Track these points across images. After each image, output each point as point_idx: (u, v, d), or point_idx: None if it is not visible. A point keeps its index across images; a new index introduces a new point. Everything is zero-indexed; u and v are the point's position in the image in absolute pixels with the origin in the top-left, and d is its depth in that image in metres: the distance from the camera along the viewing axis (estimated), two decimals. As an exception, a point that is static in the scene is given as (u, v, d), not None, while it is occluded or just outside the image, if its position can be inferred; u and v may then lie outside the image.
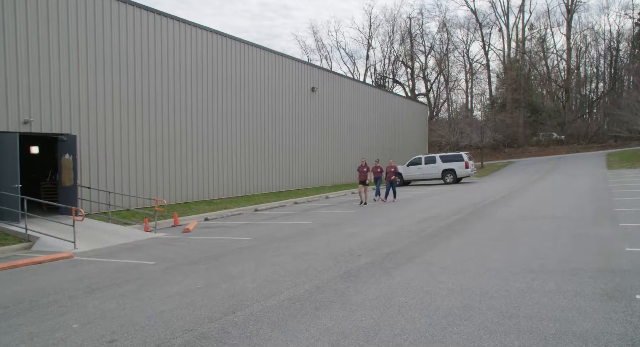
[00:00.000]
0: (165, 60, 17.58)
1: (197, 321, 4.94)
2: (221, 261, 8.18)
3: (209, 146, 19.56)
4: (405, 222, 11.70)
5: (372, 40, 67.84)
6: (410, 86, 62.67)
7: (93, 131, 14.99)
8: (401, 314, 4.80)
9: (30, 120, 13.24)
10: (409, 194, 21.37)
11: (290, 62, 25.36)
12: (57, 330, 4.92)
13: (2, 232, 11.79)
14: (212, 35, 19.88)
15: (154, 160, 17.08)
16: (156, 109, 17.19)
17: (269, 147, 23.28)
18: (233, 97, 20.95)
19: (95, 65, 15.07)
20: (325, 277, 6.49)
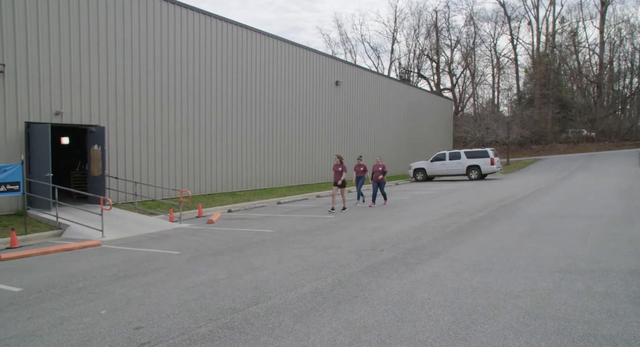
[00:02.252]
0: (191, 53, 17.75)
1: (221, 311, 5.00)
2: (244, 252, 8.26)
3: (232, 139, 19.72)
4: (429, 218, 11.59)
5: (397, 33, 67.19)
6: (435, 80, 61.91)
7: (121, 123, 15.28)
8: (424, 311, 4.77)
9: (61, 112, 13.57)
10: (433, 189, 21.16)
11: (315, 56, 25.31)
12: (86, 315, 5.05)
13: (35, 220, 12.16)
14: (236, 28, 19.97)
15: (179, 152, 17.32)
16: (181, 101, 17.40)
17: (292, 140, 23.34)
18: (257, 90, 21.04)
19: (124, 59, 15.32)
20: (348, 272, 6.48)
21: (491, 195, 16.99)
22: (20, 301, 5.74)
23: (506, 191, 18.27)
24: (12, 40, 12.51)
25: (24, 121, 12.84)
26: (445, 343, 3.96)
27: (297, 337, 4.20)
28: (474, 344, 3.92)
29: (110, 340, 4.31)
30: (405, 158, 34.26)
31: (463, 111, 61.36)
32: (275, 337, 4.21)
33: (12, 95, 12.57)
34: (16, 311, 5.34)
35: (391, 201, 16.55)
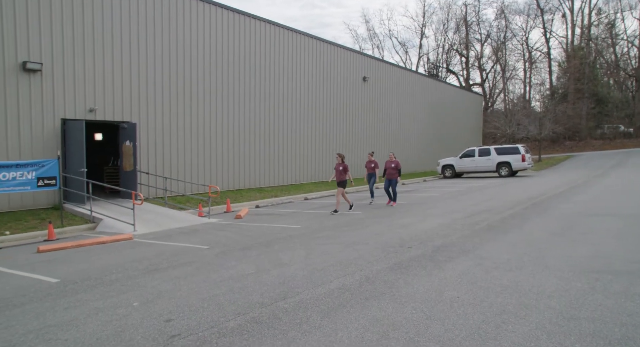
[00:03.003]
0: (220, 50, 17.95)
1: (249, 305, 5.05)
2: (272, 247, 8.32)
3: (260, 135, 19.87)
4: (457, 215, 11.43)
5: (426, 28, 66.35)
6: (464, 75, 60.90)
7: (152, 119, 15.59)
8: (453, 309, 4.70)
9: (95, 109, 13.94)
10: (461, 186, 20.85)
11: (342, 51, 25.23)
12: (119, 307, 5.19)
13: (70, 213, 12.54)
14: (263, 24, 20.08)
15: (208, 148, 17.56)
16: (210, 98, 17.63)
17: (318, 136, 23.36)
18: (284, 86, 21.12)
19: (154, 56, 15.61)
20: (375, 268, 6.45)
21: (522, 192, 16.63)
22: (58, 292, 5.94)
23: (538, 188, 17.85)
24: (49, 40, 12.90)
25: (60, 118, 13.25)
26: (475, 342, 3.90)
27: (325, 333, 4.20)
28: (505, 344, 3.85)
29: (142, 331, 4.41)
30: (433, 154, 33.86)
31: (493, 107, 60.17)
32: (302, 333, 4.23)
33: (49, 93, 12.98)
34: (54, 301, 5.53)
35: (419, 197, 16.37)
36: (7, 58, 12.15)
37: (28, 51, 12.53)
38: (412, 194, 18.01)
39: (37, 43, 12.68)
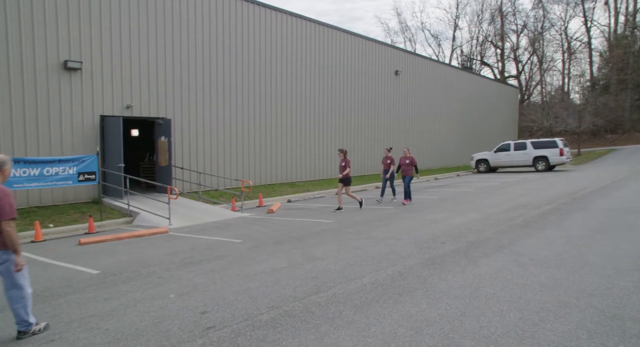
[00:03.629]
0: (252, 45, 18.09)
1: (282, 299, 5.10)
2: (304, 242, 8.36)
3: (292, 130, 19.96)
4: (492, 210, 11.19)
5: (459, 20, 64.98)
6: (499, 68, 59.43)
7: (185, 115, 15.88)
8: (488, 306, 4.62)
9: (131, 105, 14.30)
10: (496, 181, 20.40)
11: (373, 45, 25.02)
12: (156, 298, 5.32)
13: (109, 207, 12.95)
14: (295, 19, 20.10)
15: (240, 144, 17.77)
16: (242, 94, 17.81)
17: (349, 131, 23.28)
18: (315, 82, 21.12)
19: (188, 53, 15.88)
20: (408, 264, 6.40)
21: (560, 187, 16.13)
22: (98, 283, 6.15)
23: (577, 183, 17.29)
24: (88, 40, 13.30)
25: (98, 114, 13.66)
26: (512, 340, 3.81)
27: (358, 328, 4.20)
28: (543, 342, 3.75)
29: (178, 323, 4.51)
30: (466, 149, 33.25)
31: (529, 99, 58.53)
32: (335, 327, 4.23)
33: (88, 90, 13.40)
34: (95, 292, 5.72)
35: (452, 192, 16.10)
36: (49, 57, 12.60)
37: (69, 50, 12.96)
38: (444, 189, 17.75)
39: (77, 42, 13.09)
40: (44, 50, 12.50)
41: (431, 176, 24.70)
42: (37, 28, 12.35)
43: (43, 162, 10.70)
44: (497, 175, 24.98)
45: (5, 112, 11.89)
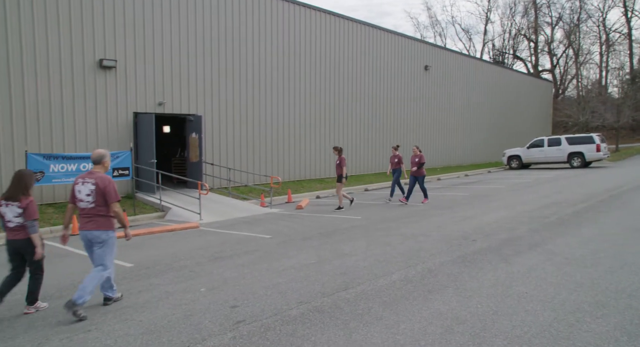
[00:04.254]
0: (280, 42, 18.17)
1: (311, 294, 5.12)
2: (333, 238, 8.37)
3: (320, 126, 19.97)
4: (525, 208, 10.94)
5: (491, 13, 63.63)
6: (532, 62, 57.90)
7: (216, 112, 16.10)
8: (521, 305, 4.52)
9: (163, 102, 14.59)
10: (529, 178, 19.93)
11: (402, 40, 24.76)
12: (188, 291, 5.43)
13: (142, 202, 13.26)
14: (322, 15, 20.07)
15: (270, 140, 17.89)
16: (272, 90, 17.91)
17: (378, 127, 23.13)
18: (343, 77, 21.06)
19: (219, 51, 16.07)
20: (438, 261, 6.32)
21: (597, 184, 15.63)
22: (132, 276, 6.31)
23: (614, 180, 16.71)
24: (122, 39, 13.62)
25: (132, 111, 13.98)
26: (546, 341, 3.72)
27: (387, 325, 4.18)
28: (579, 344, 3.65)
29: (209, 316, 4.59)
30: (498, 145, 32.59)
31: (564, 94, 56.83)
32: (364, 323, 4.22)
33: (122, 88, 13.73)
34: (129, 284, 5.88)
35: (483, 189, 15.82)
36: (86, 56, 12.96)
37: (104, 49, 13.30)
38: (475, 186, 17.45)
39: (112, 41, 13.42)
40: (80, 49, 12.86)
41: (461, 173, 24.32)
42: (74, 28, 12.71)
43: (80, 158, 11.03)
44: (530, 171, 24.40)
45: (44, 110, 12.31)
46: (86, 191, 5.00)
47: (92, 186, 4.99)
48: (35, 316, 4.85)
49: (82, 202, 5.03)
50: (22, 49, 11.89)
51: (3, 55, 11.60)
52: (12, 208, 4.92)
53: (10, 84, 11.76)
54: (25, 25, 11.92)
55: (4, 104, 11.68)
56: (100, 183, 4.98)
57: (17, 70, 11.84)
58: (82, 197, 5.02)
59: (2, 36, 11.57)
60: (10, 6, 11.65)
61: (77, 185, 5.08)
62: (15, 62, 11.80)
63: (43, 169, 10.41)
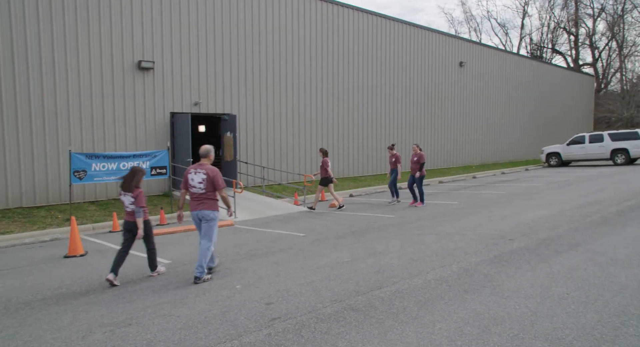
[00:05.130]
0: (314, 41, 18.21)
1: (345, 293, 5.12)
2: (366, 236, 8.34)
3: (354, 125, 19.93)
4: (565, 206, 10.60)
5: (528, 6, 61.79)
6: (572, 55, 55.87)
7: (250, 111, 16.30)
8: (561, 307, 4.39)
9: (199, 102, 14.88)
10: (569, 175, 19.29)
11: (436, 36, 24.40)
12: (223, 288, 5.52)
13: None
14: (355, 12, 19.99)
15: (303, 139, 17.98)
16: (305, 90, 17.99)
17: (412, 124, 22.88)
18: (375, 74, 20.93)
19: (252, 50, 16.26)
20: (474, 260, 6.21)
21: (642, 182, 14.98)
22: (170, 272, 6.47)
23: (662, 178, 15.98)
24: (160, 41, 13.97)
25: (169, 111, 14.32)
26: (588, 344, 3.61)
27: (422, 324, 4.14)
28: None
29: (245, 313, 4.66)
30: (536, 142, 31.71)
31: (607, 88, 54.64)
32: (399, 322, 4.20)
33: (159, 89, 14.09)
34: (167, 280, 6.03)
35: (520, 187, 15.40)
36: (125, 58, 13.36)
37: (142, 51, 13.67)
38: (512, 184, 17.03)
39: (149, 43, 13.79)
40: (120, 51, 13.27)
41: (497, 171, 23.78)
42: (114, 31, 13.12)
43: (120, 157, 11.39)
44: (570, 169, 23.61)
45: (86, 110, 12.76)
46: (198, 179, 6.01)
47: (203, 175, 5.98)
48: (80, 309, 5.04)
49: (194, 188, 6.05)
50: (66, 51, 12.36)
51: (49, 58, 12.09)
52: (127, 197, 6.17)
53: (56, 86, 12.25)
54: (69, 28, 12.38)
55: (50, 104, 12.18)
56: (210, 173, 5.99)
57: (62, 72, 12.33)
58: (194, 184, 6.03)
59: (49, 39, 12.06)
60: (55, 9, 12.12)
61: (189, 174, 6.08)
62: (60, 64, 12.28)
63: (85, 168, 10.80)
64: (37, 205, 12.07)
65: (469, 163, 26.66)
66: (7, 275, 6.83)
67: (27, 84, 11.84)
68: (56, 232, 10.29)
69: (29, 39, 11.82)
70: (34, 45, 11.90)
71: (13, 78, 11.64)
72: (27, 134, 11.90)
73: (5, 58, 11.50)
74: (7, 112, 11.58)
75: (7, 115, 11.60)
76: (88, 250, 8.27)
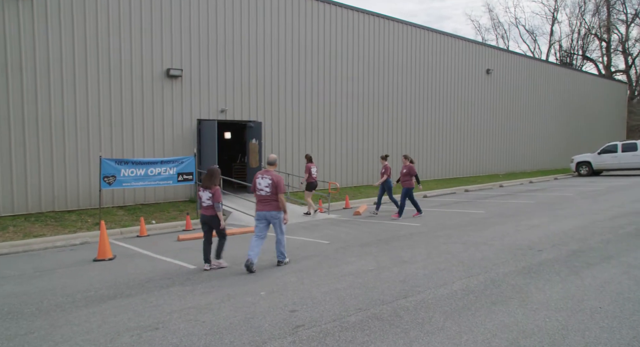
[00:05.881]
0: (340, 49, 18.28)
1: (370, 301, 5.07)
2: (391, 245, 8.27)
3: (378, 132, 19.86)
4: (597, 217, 10.31)
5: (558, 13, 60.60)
6: (604, 62, 54.51)
7: (275, 118, 16.42)
8: (594, 321, 4.25)
9: (225, 109, 15.08)
10: (601, 185, 18.76)
11: (462, 43, 24.17)
12: (248, 295, 5.55)
13: (204, 206, 13.72)
14: (378, 20, 19.99)
15: (327, 146, 18.00)
16: (330, 97, 18.05)
17: (437, 133, 22.67)
18: (401, 82, 20.84)
19: (278, 58, 16.41)
20: (502, 271, 6.08)
21: (679, 193, 14.45)
22: (195, 277, 6.54)
23: (699, 189, 15.39)
24: (188, 49, 14.24)
25: (196, 118, 14.55)
26: (623, 360, 3.48)
27: (448, 335, 4.06)
28: (661, 365, 3.38)
29: (269, 320, 4.66)
30: (565, 150, 31.01)
31: (640, 96, 53.03)
32: (425, 333, 4.13)
33: (187, 96, 14.34)
34: (192, 286, 6.09)
35: (549, 197, 15.04)
36: (154, 66, 13.67)
37: (171, 59, 13.96)
38: (540, 193, 16.65)
39: (178, 52, 14.07)
40: (150, 59, 13.58)
41: (525, 179, 23.31)
42: (144, 39, 13.45)
43: (148, 163, 11.61)
44: (602, 178, 22.97)
45: (116, 117, 13.08)
46: (265, 183, 6.94)
47: (269, 180, 6.93)
48: (108, 312, 5.13)
49: (261, 191, 6.98)
50: (98, 60, 12.72)
51: (82, 66, 12.46)
52: (206, 193, 7.05)
53: (88, 94, 12.60)
54: (102, 38, 12.75)
55: (82, 112, 12.53)
56: (275, 178, 6.93)
57: (93, 80, 12.68)
58: (261, 187, 6.97)
59: (82, 49, 12.44)
60: (89, 20, 12.50)
61: (257, 179, 7.04)
62: (92, 72, 12.64)
63: (115, 174, 11.05)
64: (68, 209, 12.39)
65: (496, 172, 26.22)
66: (40, 277, 7.02)
67: (60, 92, 12.22)
68: (86, 236, 10.54)
69: (64, 49, 12.21)
70: (68, 54, 12.28)
71: (48, 86, 12.03)
72: (60, 141, 12.26)
73: (41, 67, 11.90)
74: (42, 119, 11.97)
75: (42, 122, 11.98)
76: (116, 254, 8.44)
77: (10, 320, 5.02)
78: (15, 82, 11.60)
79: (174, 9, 13.95)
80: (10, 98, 11.55)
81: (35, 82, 11.87)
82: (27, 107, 11.77)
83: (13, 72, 11.56)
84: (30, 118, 11.83)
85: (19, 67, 11.63)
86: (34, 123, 11.88)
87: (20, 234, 10.36)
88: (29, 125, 11.82)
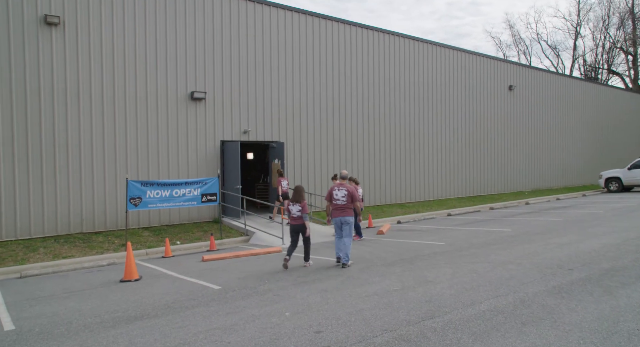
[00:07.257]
0: (360, 68, 18.43)
1: (396, 322, 5.00)
2: (416, 264, 8.16)
3: (399, 150, 19.80)
4: (630, 234, 9.99)
5: (581, 27, 59.98)
6: (631, 76, 53.48)
7: (297, 139, 16.56)
8: (632, 343, 4.09)
9: (248, 130, 15.28)
10: (632, 202, 18.22)
11: (483, 60, 24.08)
12: (273, 315, 5.53)
13: (228, 226, 13.83)
14: (399, 39, 20.11)
15: (350, 164, 18.01)
16: (352, 117, 18.13)
17: (459, 150, 22.46)
18: (422, 100, 20.83)
19: (300, 80, 16.63)
20: (531, 291, 5.93)
21: None
22: (220, 298, 6.56)
23: None
24: (211, 72, 14.58)
25: (219, 140, 14.78)
26: (664, 385, 3.33)
27: (478, 358, 3.96)
28: None
29: (295, 341, 4.63)
30: (592, 166, 30.32)
31: (670, 109, 51.67)
32: (453, 355, 4.04)
33: (210, 118, 14.61)
34: (217, 306, 6.11)
35: (578, 214, 14.65)
36: (179, 89, 14.00)
37: (195, 82, 14.29)
38: (569, 210, 16.26)
39: (202, 75, 14.41)
40: (175, 82, 13.93)
41: (552, 196, 22.81)
42: (169, 65, 13.83)
43: (173, 185, 11.80)
44: (632, 195, 22.32)
45: (142, 139, 13.39)
46: (341, 194, 8.52)
47: (345, 192, 8.52)
48: (135, 333, 5.17)
49: (338, 200, 8.54)
50: (126, 84, 13.11)
51: (110, 90, 12.86)
52: (295, 206, 8.60)
53: (115, 117, 12.97)
54: (129, 64, 13.16)
55: (109, 134, 12.87)
56: (349, 190, 8.53)
57: (120, 105, 13.05)
58: (338, 197, 8.53)
59: (110, 74, 12.85)
60: (117, 48, 12.94)
61: (334, 190, 8.60)
62: (119, 96, 13.02)
63: (141, 195, 11.25)
64: (95, 231, 12.64)
65: (521, 189, 25.75)
66: (68, 298, 7.15)
67: (89, 117, 12.60)
68: (113, 257, 10.71)
69: (93, 75, 12.64)
70: (97, 81, 12.70)
71: (77, 112, 12.42)
72: (88, 163, 12.58)
73: (72, 93, 12.32)
74: (71, 144, 12.33)
75: (72, 147, 12.34)
76: (142, 275, 8.53)
77: (41, 340, 5.11)
78: (47, 107, 12.02)
79: (197, 33, 14.33)
80: (43, 123, 11.96)
81: (66, 107, 12.27)
82: (58, 133, 12.16)
83: (45, 98, 11.99)
84: (60, 143, 12.19)
85: (51, 92, 12.06)
86: (64, 148, 12.24)
87: (50, 255, 10.59)
88: (59, 150, 12.18)
